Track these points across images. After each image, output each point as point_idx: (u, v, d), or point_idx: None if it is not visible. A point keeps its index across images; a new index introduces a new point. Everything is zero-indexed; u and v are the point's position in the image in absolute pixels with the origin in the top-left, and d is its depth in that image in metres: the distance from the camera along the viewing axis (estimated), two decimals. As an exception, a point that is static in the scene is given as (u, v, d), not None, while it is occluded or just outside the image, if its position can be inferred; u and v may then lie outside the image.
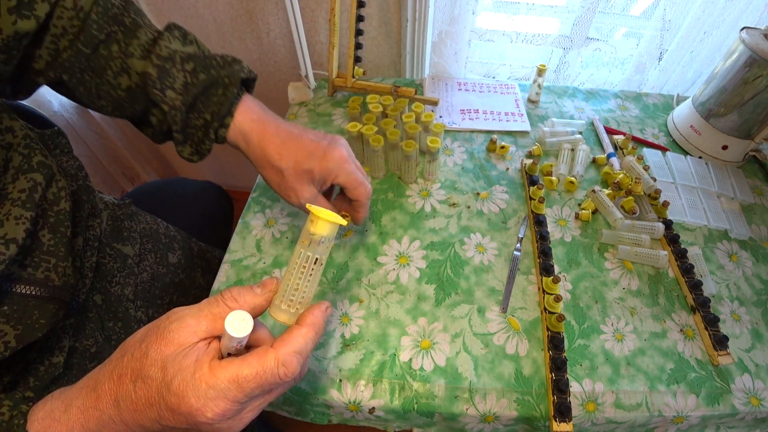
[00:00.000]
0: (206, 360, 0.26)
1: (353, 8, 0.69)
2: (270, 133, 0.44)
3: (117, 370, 0.27)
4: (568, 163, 0.67)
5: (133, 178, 1.33)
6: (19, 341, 0.34)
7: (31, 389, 0.39)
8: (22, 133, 0.38)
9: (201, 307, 0.28)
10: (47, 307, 0.37)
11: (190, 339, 0.26)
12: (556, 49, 0.84)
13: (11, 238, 0.33)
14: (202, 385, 0.25)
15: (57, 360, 0.41)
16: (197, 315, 0.27)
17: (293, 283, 0.30)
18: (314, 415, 0.50)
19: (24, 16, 0.34)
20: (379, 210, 0.61)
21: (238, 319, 0.26)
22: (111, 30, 0.40)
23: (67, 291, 0.39)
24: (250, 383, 0.26)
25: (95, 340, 0.47)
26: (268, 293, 0.30)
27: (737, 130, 0.67)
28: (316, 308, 0.30)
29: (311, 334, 0.29)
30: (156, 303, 0.57)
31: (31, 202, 0.36)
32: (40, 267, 0.37)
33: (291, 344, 0.28)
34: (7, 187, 0.35)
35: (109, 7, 0.40)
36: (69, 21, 0.38)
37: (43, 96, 0.98)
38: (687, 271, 0.54)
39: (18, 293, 0.35)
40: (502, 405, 0.45)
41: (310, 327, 0.29)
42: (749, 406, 0.46)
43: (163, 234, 0.62)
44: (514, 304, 0.52)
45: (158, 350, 0.26)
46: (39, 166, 0.38)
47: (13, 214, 0.34)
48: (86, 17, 0.39)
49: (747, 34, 0.61)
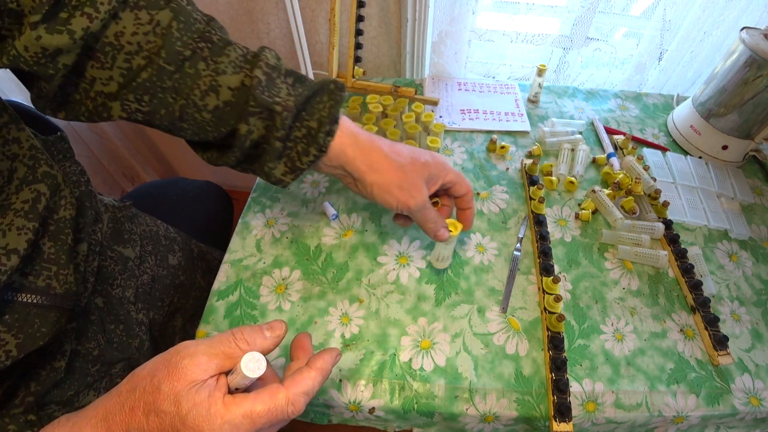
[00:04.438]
0: (219, 396, 0.27)
1: (353, 8, 0.69)
2: (374, 136, 0.43)
3: (129, 403, 0.27)
4: (568, 163, 0.67)
5: (133, 178, 1.33)
6: (20, 350, 0.34)
7: (32, 394, 0.39)
8: (28, 144, 0.37)
9: (213, 344, 0.29)
10: (49, 315, 0.36)
11: (201, 376, 0.27)
12: (556, 49, 0.84)
13: (13, 248, 0.33)
14: (218, 420, 0.26)
15: (59, 364, 0.41)
16: (209, 353, 0.28)
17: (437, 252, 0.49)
18: (314, 415, 0.50)
19: (55, 30, 0.31)
20: (379, 210, 0.61)
21: (253, 360, 0.27)
22: (197, 46, 0.37)
23: (69, 298, 0.38)
24: (262, 419, 0.27)
25: (97, 342, 0.47)
26: (276, 338, 0.31)
27: (737, 130, 0.67)
28: (327, 354, 0.32)
29: (319, 378, 0.31)
30: (156, 305, 0.57)
31: (35, 213, 0.35)
32: (41, 275, 0.36)
33: (301, 385, 0.29)
34: (11, 197, 0.35)
35: (192, 22, 0.37)
36: (144, 37, 0.35)
37: (43, 96, 0.97)
38: (687, 271, 0.54)
39: (19, 302, 0.34)
40: (502, 405, 0.45)
41: (319, 371, 0.31)
42: (749, 406, 0.46)
43: (163, 236, 0.62)
44: (514, 304, 0.52)
45: (171, 385, 0.27)
46: (44, 177, 0.37)
47: (16, 225, 0.34)
48: (166, 33, 0.35)
49: (747, 34, 0.61)
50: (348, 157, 0.42)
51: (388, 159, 0.42)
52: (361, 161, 0.42)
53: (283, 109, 0.38)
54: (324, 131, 0.40)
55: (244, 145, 0.40)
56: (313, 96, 0.40)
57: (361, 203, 0.61)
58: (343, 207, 0.61)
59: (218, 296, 0.52)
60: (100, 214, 0.49)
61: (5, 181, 0.35)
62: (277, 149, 0.40)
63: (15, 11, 0.30)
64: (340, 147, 0.41)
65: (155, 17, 0.35)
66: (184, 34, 0.36)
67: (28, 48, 0.30)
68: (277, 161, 0.41)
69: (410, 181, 0.42)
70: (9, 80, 0.93)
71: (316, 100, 0.40)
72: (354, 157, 0.42)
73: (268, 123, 0.39)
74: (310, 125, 0.40)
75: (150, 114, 0.38)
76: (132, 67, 0.35)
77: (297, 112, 0.39)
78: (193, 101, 0.38)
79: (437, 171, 0.44)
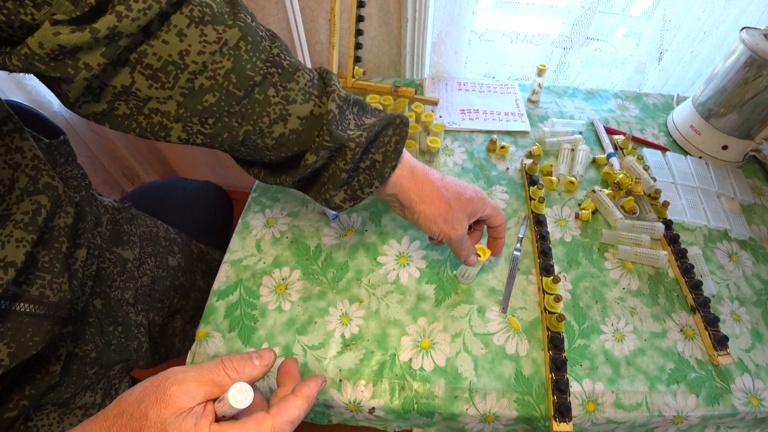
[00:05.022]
0: (206, 424, 0.27)
1: (353, 8, 0.69)
2: (427, 169, 0.45)
3: (115, 428, 0.27)
4: (568, 163, 0.67)
5: (133, 178, 1.33)
6: (12, 359, 0.34)
7: (27, 398, 0.39)
8: (31, 153, 0.37)
9: (202, 372, 0.29)
10: (42, 324, 0.36)
11: (189, 403, 0.27)
12: (556, 49, 0.84)
13: (10, 261, 0.32)
14: None
15: (54, 368, 0.41)
16: (198, 380, 0.28)
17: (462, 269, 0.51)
18: (314, 415, 0.50)
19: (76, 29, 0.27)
20: (379, 210, 0.61)
21: (240, 391, 0.28)
22: (268, 72, 0.36)
23: (63, 307, 0.38)
24: None
25: (95, 344, 0.46)
26: (265, 368, 0.31)
27: (737, 130, 0.67)
28: (312, 382, 0.32)
29: (305, 406, 0.31)
30: (156, 306, 0.57)
31: (34, 225, 0.35)
32: (34, 284, 0.36)
33: (287, 414, 0.30)
34: (11, 208, 0.34)
35: (259, 41, 0.35)
36: (211, 56, 0.33)
37: (44, 96, 0.98)
38: (687, 271, 0.54)
39: (11, 311, 0.34)
40: (502, 405, 0.45)
41: (305, 399, 0.31)
42: (749, 406, 0.46)
43: (163, 237, 0.61)
44: (514, 304, 0.52)
45: (158, 412, 0.27)
46: (45, 188, 0.37)
47: (15, 237, 0.33)
48: (234, 54, 0.34)
49: (747, 34, 0.61)
50: (403, 188, 0.43)
51: (439, 193, 0.44)
52: (414, 192, 0.44)
53: (356, 145, 0.39)
54: (390, 166, 0.41)
55: (305, 171, 0.40)
56: (381, 131, 0.41)
57: (360, 203, 0.61)
58: (343, 207, 0.61)
59: (218, 296, 0.52)
60: (100, 218, 0.49)
61: (6, 190, 0.34)
62: (342, 179, 0.41)
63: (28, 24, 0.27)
64: (398, 179, 0.43)
65: (223, 36, 0.33)
66: (253, 56, 0.35)
67: (44, 45, 0.27)
68: (339, 189, 0.42)
69: (455, 215, 0.44)
70: (9, 80, 0.93)
71: (383, 134, 0.41)
72: (409, 188, 0.43)
73: (335, 154, 0.40)
74: (375, 158, 0.41)
75: (212, 137, 0.37)
76: (194, 87, 0.34)
77: (367, 145, 0.40)
78: (260, 128, 0.37)
79: (479, 206, 0.46)
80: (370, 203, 0.61)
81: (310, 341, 0.48)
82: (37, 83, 0.95)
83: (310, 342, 0.48)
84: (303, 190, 0.45)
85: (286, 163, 0.42)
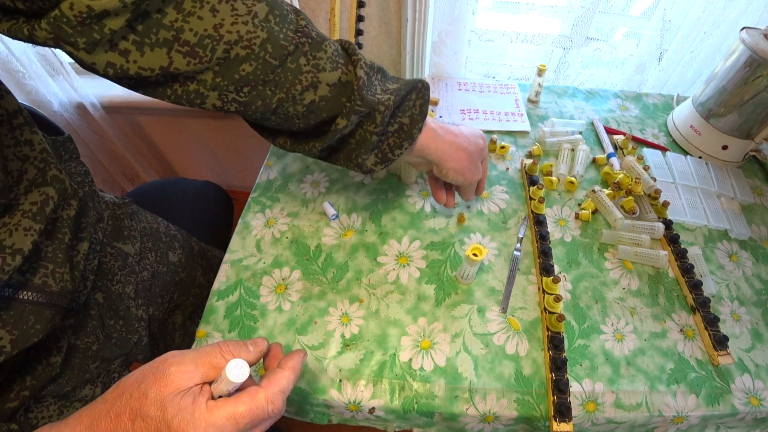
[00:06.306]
0: (203, 401, 0.28)
1: (353, 8, 0.69)
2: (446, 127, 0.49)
3: (114, 409, 0.28)
4: (568, 163, 0.67)
5: (133, 178, 1.33)
6: (14, 346, 0.34)
7: (27, 388, 0.39)
8: (40, 147, 0.38)
9: (200, 355, 0.30)
10: (44, 312, 0.37)
11: (186, 383, 0.29)
12: (556, 49, 0.84)
13: (18, 248, 0.33)
14: (202, 423, 0.27)
15: (54, 360, 0.41)
16: (196, 362, 0.30)
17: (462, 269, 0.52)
18: (314, 415, 0.50)
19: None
20: (379, 210, 0.61)
21: (237, 366, 0.29)
22: (299, 41, 0.38)
23: (65, 296, 0.39)
24: (244, 419, 0.29)
25: (96, 337, 0.47)
26: (258, 353, 0.34)
27: (737, 130, 0.67)
28: (296, 355, 0.35)
29: (292, 377, 0.33)
30: (156, 301, 0.58)
31: (42, 215, 0.36)
32: (37, 273, 0.37)
33: (277, 384, 0.31)
34: (20, 198, 0.35)
35: (285, 14, 0.37)
36: (244, 26, 0.34)
37: (43, 96, 0.98)
38: (687, 271, 0.54)
39: (15, 298, 0.35)
40: (502, 405, 0.45)
41: (291, 370, 0.33)
42: (749, 406, 0.46)
43: (163, 233, 0.62)
44: (514, 304, 0.52)
45: (157, 391, 0.28)
46: (53, 180, 0.38)
47: (23, 225, 0.34)
48: (265, 25, 0.35)
49: (747, 34, 0.61)
50: (431, 149, 0.47)
51: (462, 148, 0.49)
52: (441, 152, 0.48)
53: (385, 108, 0.41)
54: (418, 128, 0.44)
55: (334, 137, 0.42)
56: (407, 95, 0.44)
57: (361, 203, 0.61)
58: (343, 207, 0.61)
59: (218, 296, 0.52)
60: (101, 214, 0.49)
61: (15, 181, 0.35)
62: (373, 142, 0.43)
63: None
64: (425, 140, 0.46)
65: (253, 9, 0.35)
66: (284, 27, 0.37)
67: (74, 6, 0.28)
68: (370, 153, 0.45)
69: (474, 163, 0.51)
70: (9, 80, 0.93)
71: (408, 98, 0.44)
72: (436, 148, 0.47)
73: (363, 120, 0.42)
74: (403, 121, 0.44)
75: (245, 105, 0.39)
76: (230, 57, 0.35)
77: (394, 109, 0.43)
78: (292, 96, 0.39)
79: (485, 151, 0.54)
80: (370, 203, 0.61)
81: (310, 341, 0.48)
82: (37, 83, 0.96)
83: (310, 342, 0.48)
84: (328, 159, 0.47)
85: (313, 131, 0.44)
